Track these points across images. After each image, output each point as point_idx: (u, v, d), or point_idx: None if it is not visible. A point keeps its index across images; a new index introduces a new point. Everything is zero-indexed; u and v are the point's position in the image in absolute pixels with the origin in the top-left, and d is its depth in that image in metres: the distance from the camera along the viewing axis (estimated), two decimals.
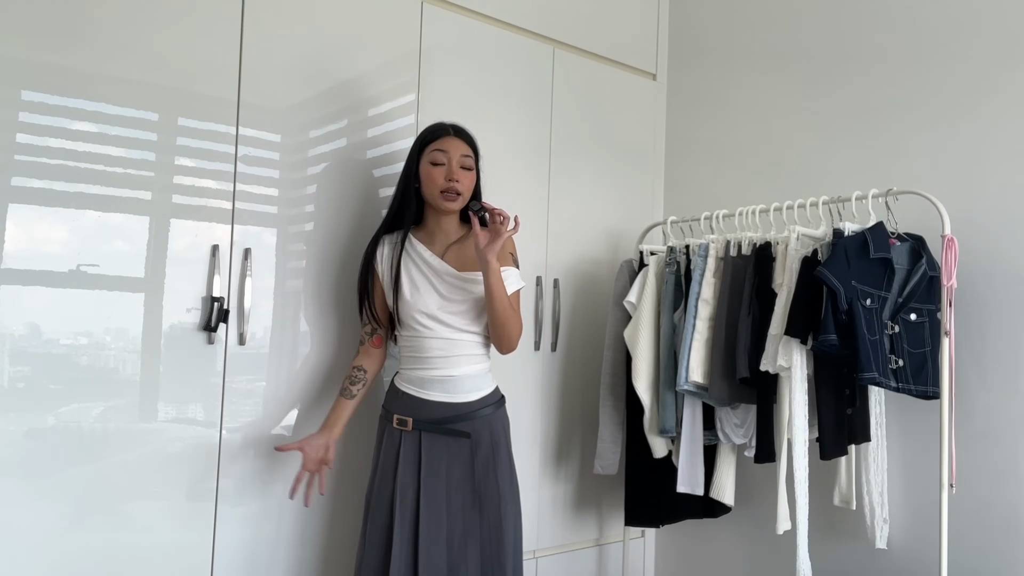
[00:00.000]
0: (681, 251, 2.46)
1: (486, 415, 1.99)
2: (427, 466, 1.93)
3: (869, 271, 2.01)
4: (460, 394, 1.97)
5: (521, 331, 2.01)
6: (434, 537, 1.90)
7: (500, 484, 1.95)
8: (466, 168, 2.00)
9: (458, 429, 1.95)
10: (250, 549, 2.05)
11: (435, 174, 1.97)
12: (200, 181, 1.98)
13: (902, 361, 2.03)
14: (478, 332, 2.01)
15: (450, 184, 1.96)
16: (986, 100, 2.20)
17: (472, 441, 1.95)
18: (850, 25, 2.52)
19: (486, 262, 1.88)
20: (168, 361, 1.93)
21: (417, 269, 2.00)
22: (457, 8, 2.48)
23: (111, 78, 1.87)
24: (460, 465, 1.95)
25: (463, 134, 2.04)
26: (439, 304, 1.98)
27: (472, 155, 2.02)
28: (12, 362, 1.76)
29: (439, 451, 1.95)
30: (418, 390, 1.98)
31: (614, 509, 2.79)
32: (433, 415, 1.96)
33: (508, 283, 1.97)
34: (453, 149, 1.98)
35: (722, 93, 2.90)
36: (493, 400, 2.03)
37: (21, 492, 1.75)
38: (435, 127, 2.04)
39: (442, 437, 1.95)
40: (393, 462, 1.96)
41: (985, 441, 2.13)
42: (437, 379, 1.97)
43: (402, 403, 1.99)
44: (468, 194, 2.00)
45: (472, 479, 1.94)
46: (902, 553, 2.26)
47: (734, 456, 2.42)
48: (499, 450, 1.98)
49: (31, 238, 1.77)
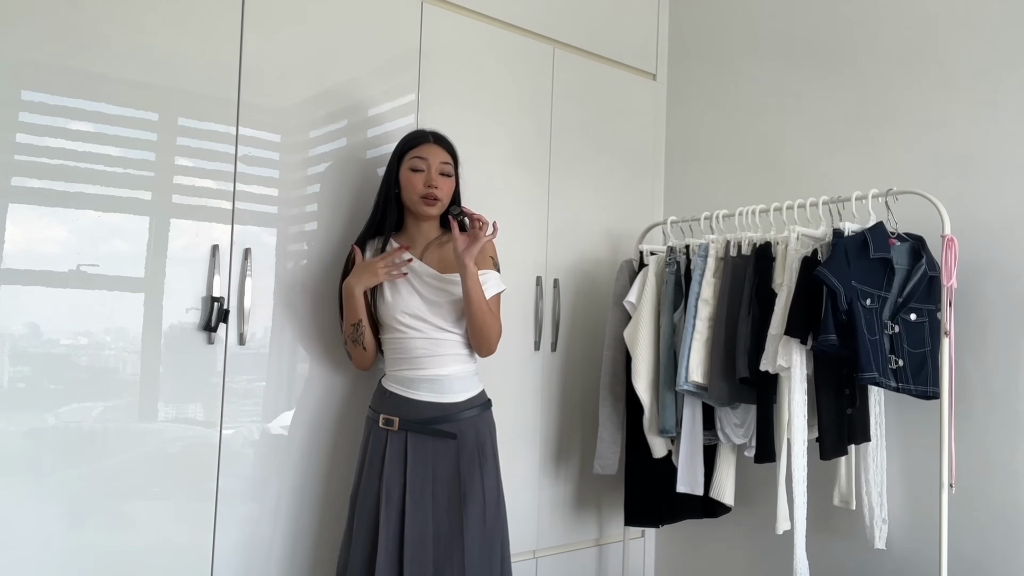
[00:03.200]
0: (681, 251, 2.46)
1: (472, 416, 2.00)
2: (413, 466, 1.94)
3: (869, 271, 2.01)
4: (448, 394, 1.99)
5: (500, 334, 2.03)
6: (420, 536, 1.91)
7: (485, 484, 1.97)
8: (445, 175, 2.05)
9: (444, 430, 1.96)
10: (249, 549, 2.05)
11: (415, 180, 2.02)
12: (200, 181, 1.98)
13: (902, 361, 2.03)
14: (461, 333, 2.02)
15: (429, 190, 2.01)
16: (986, 100, 2.20)
17: (458, 442, 1.97)
18: (850, 25, 2.52)
19: (464, 265, 1.92)
20: (168, 361, 1.94)
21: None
22: (457, 8, 2.48)
23: (111, 78, 1.87)
24: (446, 465, 1.96)
25: (442, 141, 2.08)
26: (421, 305, 2.00)
27: (451, 162, 2.07)
28: (12, 362, 1.76)
29: (425, 451, 1.96)
30: (405, 390, 2.00)
31: (614, 509, 2.79)
32: (420, 415, 1.97)
33: (488, 286, 2.00)
34: (432, 156, 2.03)
35: (722, 93, 2.90)
36: (480, 402, 2.04)
37: (21, 492, 1.75)
38: (415, 134, 2.09)
39: (428, 438, 1.96)
40: (379, 462, 1.97)
41: (985, 441, 2.13)
42: (425, 379, 1.99)
43: (389, 403, 2.00)
44: (447, 200, 2.06)
45: (458, 479, 1.95)
46: (901, 553, 2.26)
47: (734, 456, 2.42)
48: (484, 451, 2.00)
49: (31, 238, 1.77)
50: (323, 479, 2.17)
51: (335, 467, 2.19)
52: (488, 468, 1.99)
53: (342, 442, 2.20)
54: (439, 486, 1.95)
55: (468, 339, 2.03)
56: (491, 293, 2.01)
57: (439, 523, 1.93)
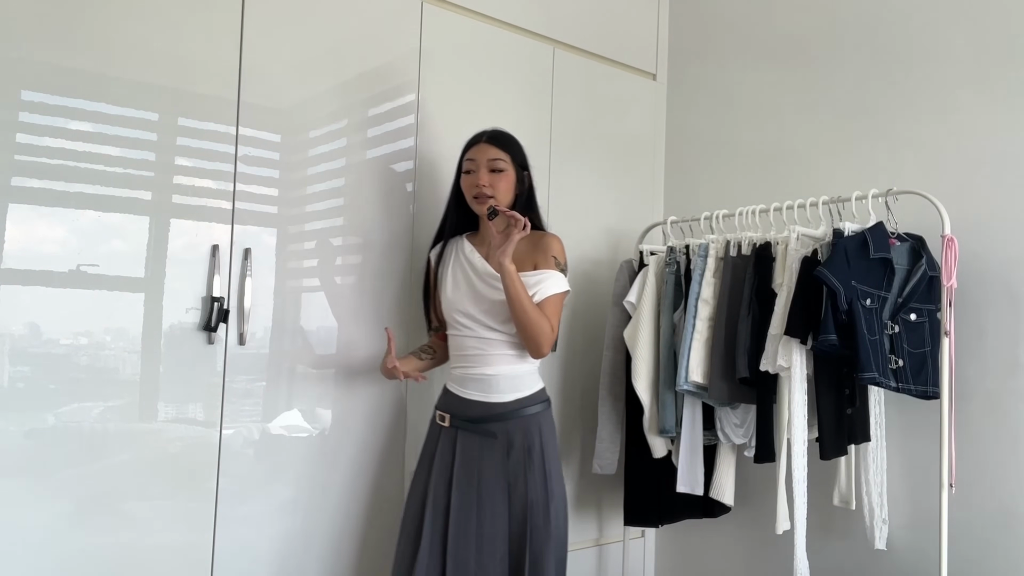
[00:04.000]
0: (681, 251, 2.46)
1: (521, 417, 1.98)
2: (460, 464, 1.97)
3: (869, 271, 2.01)
4: (494, 394, 2.00)
5: (550, 335, 1.97)
6: (463, 532, 1.93)
7: (529, 489, 1.94)
8: (496, 171, 2.03)
9: (487, 429, 1.96)
10: (250, 549, 2.05)
11: (467, 182, 2.06)
12: (200, 181, 1.98)
13: (902, 361, 2.03)
14: (511, 333, 2.00)
15: (477, 189, 2.01)
16: (986, 100, 2.20)
17: (505, 443, 1.96)
18: (850, 25, 2.52)
19: (499, 265, 1.92)
20: (168, 361, 1.93)
21: (462, 270, 2.07)
22: (457, 8, 2.48)
23: (111, 78, 1.87)
24: (492, 465, 1.96)
25: (495, 139, 2.07)
26: (474, 303, 2.01)
27: (503, 157, 2.05)
28: (12, 362, 1.76)
29: (473, 450, 1.98)
30: (459, 388, 2.04)
31: (614, 509, 2.79)
32: (469, 413, 2.00)
33: (543, 286, 1.98)
34: (480, 155, 2.05)
35: (722, 93, 2.90)
36: (533, 402, 2.02)
37: (21, 492, 1.75)
38: (472, 137, 2.10)
39: (476, 436, 1.98)
40: (430, 455, 2.03)
41: (985, 441, 2.13)
42: (473, 377, 2.01)
43: (445, 399, 2.07)
44: (504, 195, 2.04)
45: (505, 481, 1.95)
46: (901, 553, 2.26)
47: (734, 456, 2.42)
48: (532, 453, 1.97)
49: (31, 238, 1.77)
50: (324, 479, 2.17)
51: (336, 467, 2.19)
52: (535, 471, 1.96)
53: (342, 442, 2.20)
54: (485, 485, 1.95)
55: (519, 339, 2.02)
56: (546, 294, 1.98)
57: (483, 522, 1.94)
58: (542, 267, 2.01)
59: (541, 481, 1.96)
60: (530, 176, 2.12)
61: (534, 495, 1.94)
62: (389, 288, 2.30)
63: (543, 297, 1.97)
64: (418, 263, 2.33)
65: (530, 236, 2.02)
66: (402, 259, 2.32)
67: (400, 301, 2.31)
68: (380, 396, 2.27)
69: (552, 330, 1.97)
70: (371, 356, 2.25)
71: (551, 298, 1.99)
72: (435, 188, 2.39)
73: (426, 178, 2.38)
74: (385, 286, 2.29)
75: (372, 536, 2.25)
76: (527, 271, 2.01)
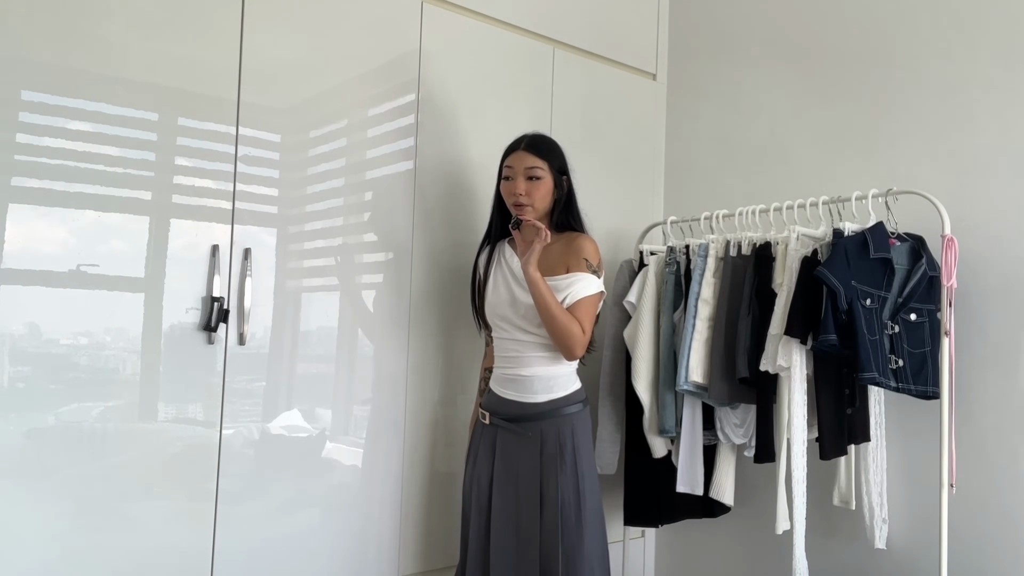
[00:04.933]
0: (681, 251, 2.46)
1: (555, 417, 2.01)
2: (499, 460, 2.03)
3: (869, 271, 2.01)
4: (528, 394, 2.03)
5: (581, 338, 1.98)
6: (503, 528, 2.00)
7: (560, 487, 1.96)
8: (534, 178, 2.06)
9: (523, 428, 2.01)
10: (250, 549, 2.05)
11: (506, 189, 2.10)
12: (200, 181, 1.98)
13: (902, 361, 2.03)
14: (544, 335, 2.02)
15: (515, 197, 2.05)
16: (986, 100, 2.20)
17: (539, 442, 2.00)
18: (850, 25, 2.52)
19: (524, 272, 1.96)
20: (168, 361, 1.93)
21: (502, 274, 2.10)
22: (457, 8, 2.48)
23: (111, 78, 1.87)
24: (529, 464, 2.00)
25: (532, 146, 2.09)
26: (511, 306, 2.05)
27: (540, 165, 2.07)
28: (12, 362, 1.76)
29: (511, 448, 2.03)
30: (499, 388, 2.09)
31: (613, 509, 2.78)
32: (507, 412, 2.05)
33: (574, 289, 1.99)
34: (518, 163, 2.07)
35: (722, 93, 2.90)
36: (567, 403, 2.04)
37: (21, 492, 1.75)
38: (511, 143, 2.13)
39: (512, 435, 2.03)
40: (475, 452, 2.11)
41: (985, 441, 2.13)
42: (510, 378, 2.06)
43: (488, 398, 2.13)
44: (540, 203, 2.07)
45: (539, 480, 1.99)
46: (901, 553, 2.26)
47: (734, 456, 2.42)
48: (564, 453, 1.99)
49: (31, 238, 1.77)
50: (324, 479, 2.17)
51: (336, 467, 2.19)
52: (566, 471, 1.98)
53: (342, 442, 2.20)
54: (522, 483, 2.01)
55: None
56: (577, 297, 2.00)
57: (520, 518, 2.00)
58: (574, 270, 2.03)
59: (573, 481, 1.99)
60: (569, 180, 2.14)
61: (566, 495, 1.97)
62: (389, 288, 2.30)
63: (574, 300, 1.99)
64: (418, 263, 2.33)
65: (564, 238, 2.07)
66: (402, 259, 2.32)
67: (400, 300, 2.31)
68: (380, 396, 2.28)
69: (584, 333, 1.99)
70: (371, 356, 2.25)
71: (583, 300, 2.01)
72: (435, 188, 2.39)
73: (426, 178, 2.38)
74: (385, 286, 2.29)
75: (372, 536, 2.25)
76: (559, 274, 2.03)
